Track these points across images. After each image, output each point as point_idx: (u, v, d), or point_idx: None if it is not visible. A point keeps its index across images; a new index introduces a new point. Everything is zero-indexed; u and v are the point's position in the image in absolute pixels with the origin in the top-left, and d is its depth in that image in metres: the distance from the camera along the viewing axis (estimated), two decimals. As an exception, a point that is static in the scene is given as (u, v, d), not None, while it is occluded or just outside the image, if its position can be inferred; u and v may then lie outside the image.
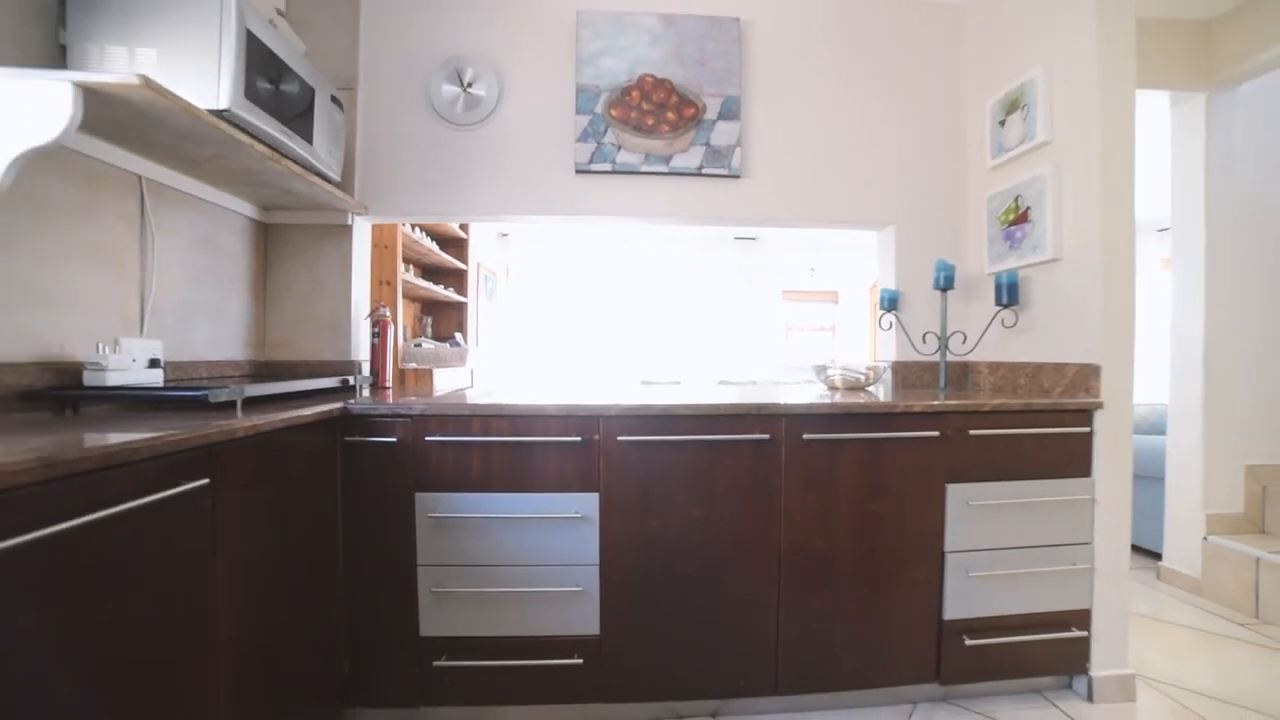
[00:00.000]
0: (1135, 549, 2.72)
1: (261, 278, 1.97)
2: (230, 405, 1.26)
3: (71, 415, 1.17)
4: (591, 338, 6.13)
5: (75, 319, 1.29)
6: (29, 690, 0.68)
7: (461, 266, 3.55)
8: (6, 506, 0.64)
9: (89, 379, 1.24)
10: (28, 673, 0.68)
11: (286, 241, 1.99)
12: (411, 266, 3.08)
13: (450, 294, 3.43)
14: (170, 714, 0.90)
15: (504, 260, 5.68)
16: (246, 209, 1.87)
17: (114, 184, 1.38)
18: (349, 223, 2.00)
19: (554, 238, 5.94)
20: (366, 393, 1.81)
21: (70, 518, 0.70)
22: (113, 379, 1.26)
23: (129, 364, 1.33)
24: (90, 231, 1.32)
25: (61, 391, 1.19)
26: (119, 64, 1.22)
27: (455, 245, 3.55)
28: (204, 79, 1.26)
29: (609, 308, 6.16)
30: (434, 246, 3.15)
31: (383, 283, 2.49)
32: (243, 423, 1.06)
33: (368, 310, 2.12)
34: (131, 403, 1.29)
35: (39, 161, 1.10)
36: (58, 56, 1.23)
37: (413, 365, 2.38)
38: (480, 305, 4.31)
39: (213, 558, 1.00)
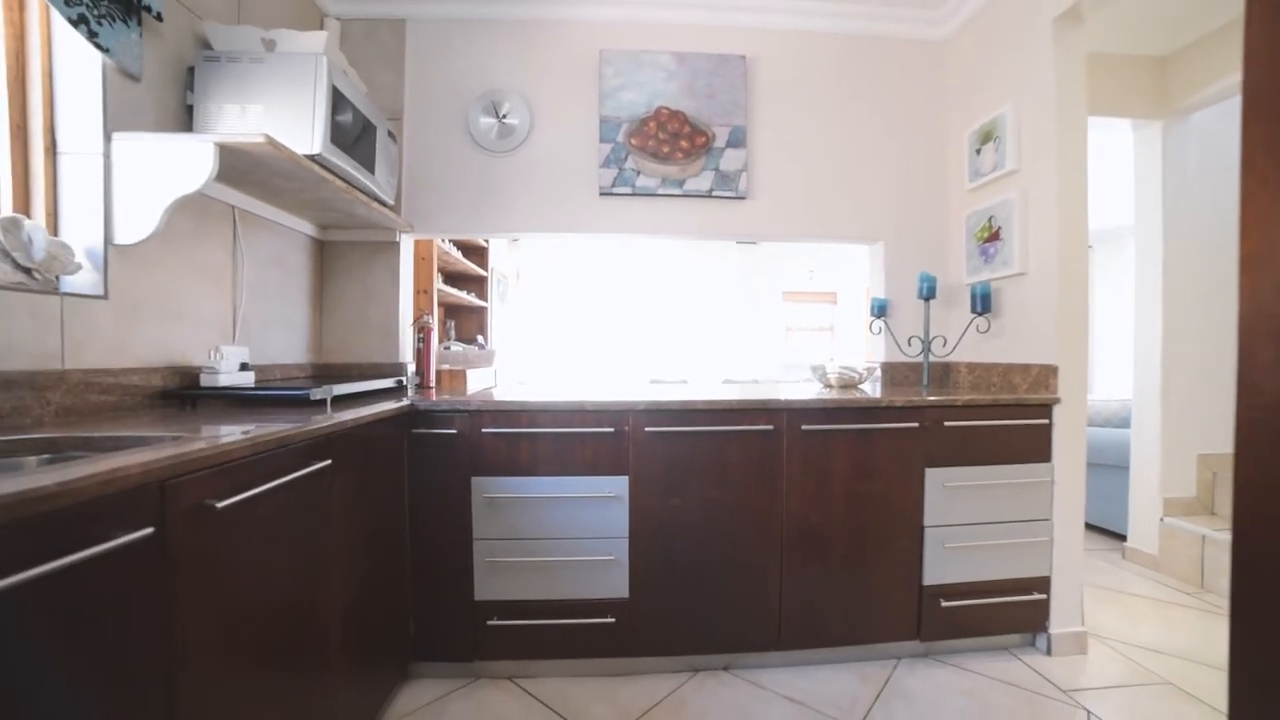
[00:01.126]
0: (1104, 531, 2.99)
1: (319, 289, 2.22)
2: (321, 402, 1.50)
3: (191, 410, 1.41)
4: (600, 338, 6.37)
5: (191, 330, 1.54)
6: (250, 606, 0.93)
7: (482, 273, 3.80)
8: (232, 472, 0.89)
9: (204, 380, 1.49)
10: (249, 591, 0.93)
11: (341, 257, 2.23)
12: (439, 274, 3.32)
13: (472, 299, 3.68)
14: (309, 644, 1.15)
15: (515, 263, 5.91)
16: (308, 229, 2.11)
17: (216, 214, 1.63)
18: (396, 239, 2.24)
19: (563, 242, 6.18)
20: (412, 392, 2.06)
21: (264, 482, 0.95)
22: (222, 380, 1.51)
23: (232, 368, 1.57)
24: (201, 255, 1.57)
25: (186, 391, 1.44)
26: (233, 118, 1.47)
27: (477, 253, 3.79)
28: (299, 128, 1.50)
29: (616, 309, 6.39)
30: (459, 255, 3.39)
31: (420, 291, 2.73)
32: (349, 417, 1.30)
33: (411, 317, 2.36)
34: (238, 400, 1.52)
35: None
36: (185, 114, 1.47)
37: (446, 366, 2.62)
38: (493, 307, 4.54)
39: (329, 526, 1.24)
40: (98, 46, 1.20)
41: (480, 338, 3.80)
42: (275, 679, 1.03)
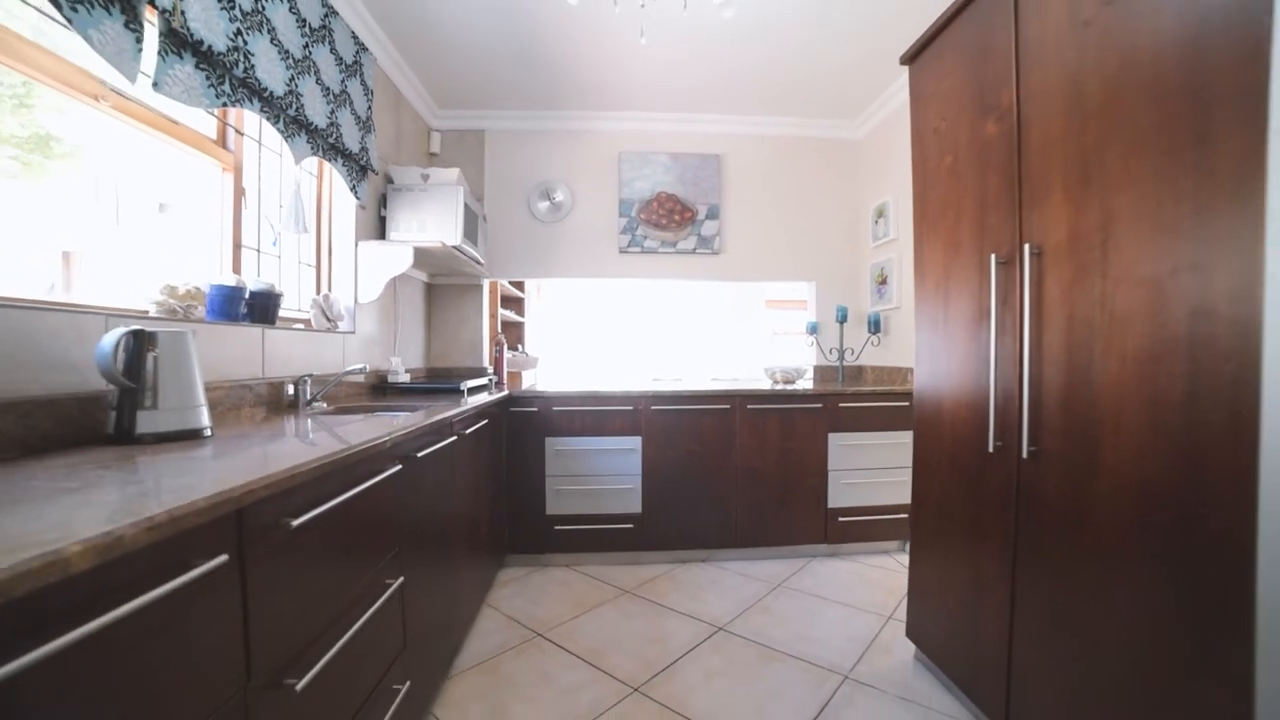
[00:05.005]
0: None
1: (429, 317, 3.26)
2: (461, 391, 2.53)
3: (382, 397, 2.44)
4: (608, 345, 7.40)
5: (377, 348, 2.58)
6: (465, 497, 1.96)
7: (521, 295, 4.83)
8: (466, 420, 1.93)
9: (390, 379, 2.53)
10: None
11: (442, 294, 3.27)
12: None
13: (514, 315, 4.71)
14: (476, 528, 2.18)
15: (536, 281, 6.94)
16: (424, 277, 3.15)
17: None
18: (480, 283, 3.28)
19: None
20: (494, 386, 3.08)
21: (458, 433, 1.99)
22: (401, 378, 2.55)
23: (400, 370, 2.61)
24: (383, 303, 2.61)
25: (383, 385, 2.48)
26: (407, 225, 2.50)
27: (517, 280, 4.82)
28: (446, 227, 2.53)
29: (623, 320, 7.43)
30: (505, 282, 4.43)
31: (490, 315, 3.76)
32: (489, 399, 2.34)
33: (488, 335, 3.40)
34: (412, 390, 2.55)
35: (385, 277, 2.37)
36: (380, 224, 2.52)
37: (506, 369, 3.65)
38: (527, 321, 5.56)
39: (480, 463, 2.27)
40: (356, 196, 2.24)
41: (520, 346, 4.83)
42: (465, 544, 2.06)
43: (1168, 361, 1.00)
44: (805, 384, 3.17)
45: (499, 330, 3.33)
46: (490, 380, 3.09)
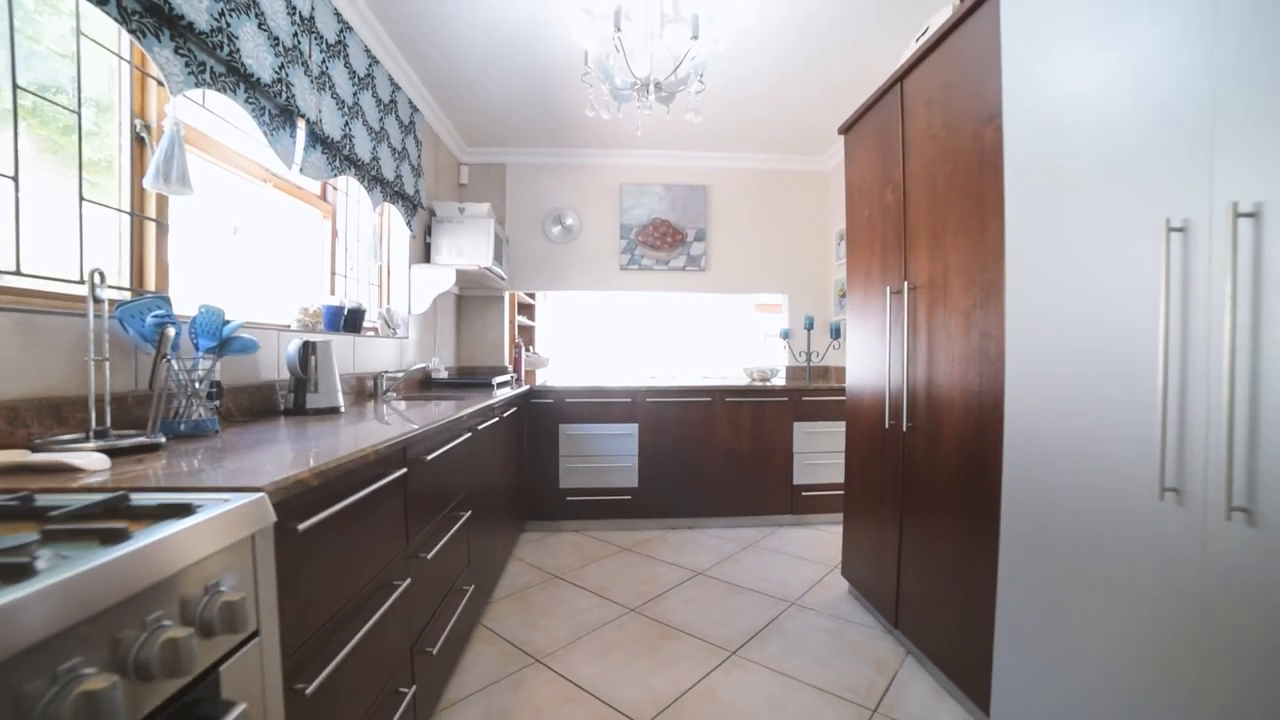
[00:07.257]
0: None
1: (459, 323, 3.82)
2: (491, 385, 3.09)
3: (430, 390, 3.01)
4: (610, 347, 7.97)
5: (422, 350, 3.14)
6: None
7: (531, 302, 5.40)
8: (504, 407, 2.49)
9: (433, 375, 3.09)
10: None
11: (470, 304, 3.84)
12: (507, 305, 4.90)
13: (525, 320, 5.27)
14: (504, 498, 2.74)
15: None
16: (456, 290, 3.72)
17: (430, 291, 3.23)
18: (502, 295, 3.84)
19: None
20: (514, 382, 3.64)
21: (499, 415, 2.55)
22: (442, 374, 3.11)
23: (440, 368, 3.18)
24: (426, 314, 3.17)
25: (429, 380, 3.04)
26: (448, 249, 3.06)
27: (528, 288, 5.38)
28: (480, 252, 3.09)
29: (624, 324, 7.99)
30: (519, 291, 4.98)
31: (509, 322, 4.33)
32: (516, 391, 2.90)
33: (508, 338, 3.96)
34: (453, 384, 3.11)
35: (431, 293, 2.93)
36: (425, 249, 3.08)
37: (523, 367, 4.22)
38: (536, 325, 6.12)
39: (508, 444, 2.83)
40: (409, 229, 2.80)
41: (532, 347, 5.40)
42: (500, 504, 2.62)
43: (973, 363, 1.56)
44: (779, 381, 3.73)
45: (517, 334, 3.89)
46: (512, 377, 3.66)
